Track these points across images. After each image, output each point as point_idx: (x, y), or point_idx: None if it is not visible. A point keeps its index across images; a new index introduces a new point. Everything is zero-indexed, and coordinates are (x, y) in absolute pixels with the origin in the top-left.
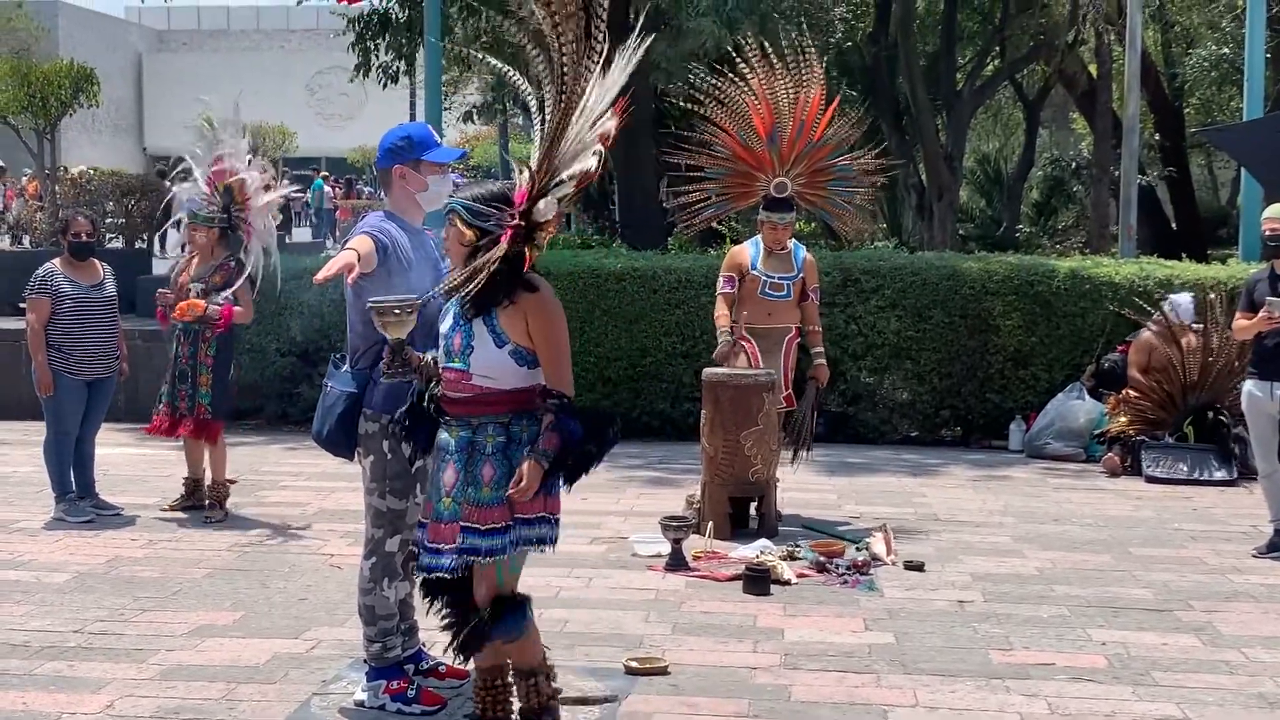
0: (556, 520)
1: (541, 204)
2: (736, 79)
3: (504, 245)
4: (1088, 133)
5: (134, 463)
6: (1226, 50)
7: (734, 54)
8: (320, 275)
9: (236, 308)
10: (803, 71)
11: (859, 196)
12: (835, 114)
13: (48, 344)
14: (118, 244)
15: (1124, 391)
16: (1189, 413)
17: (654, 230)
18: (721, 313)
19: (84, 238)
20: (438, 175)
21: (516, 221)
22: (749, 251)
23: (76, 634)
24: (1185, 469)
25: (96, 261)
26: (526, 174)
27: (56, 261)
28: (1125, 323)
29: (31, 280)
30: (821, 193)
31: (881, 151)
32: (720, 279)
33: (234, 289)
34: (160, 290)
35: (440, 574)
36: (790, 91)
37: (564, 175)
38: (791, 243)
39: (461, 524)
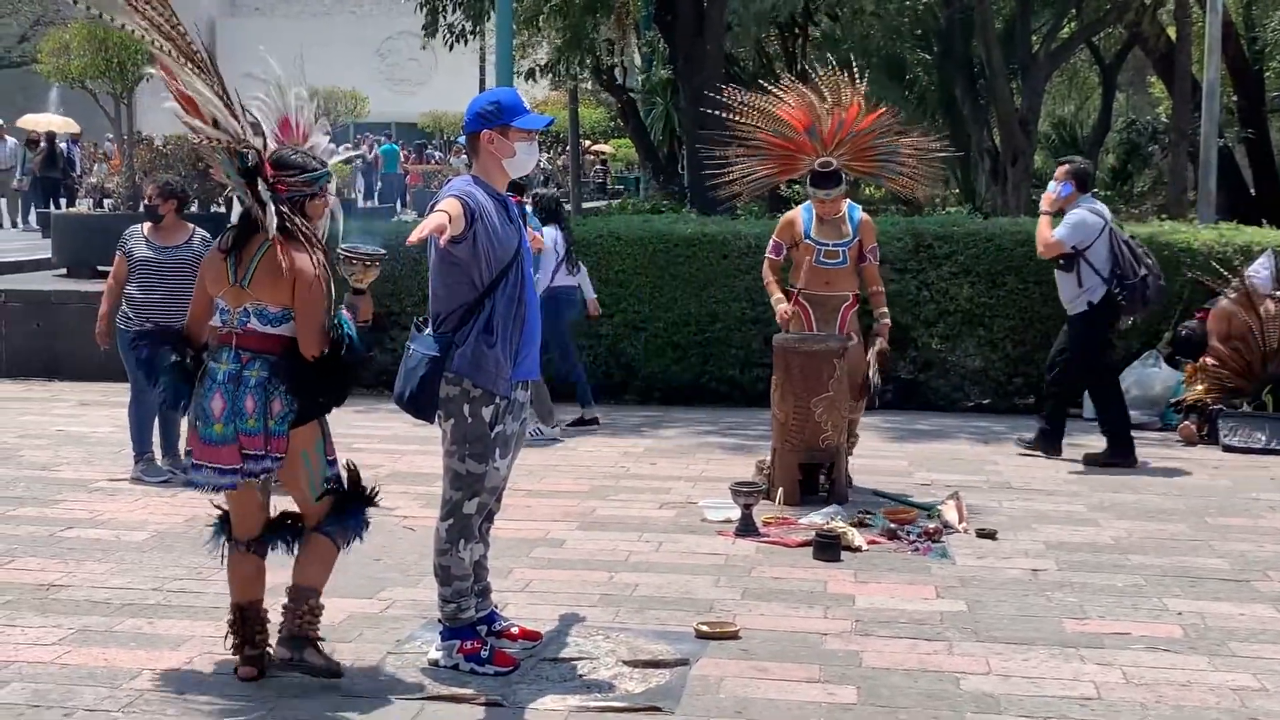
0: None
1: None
2: (772, 94)
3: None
4: (1165, 96)
5: None
6: None
7: (805, 10)
8: (413, 237)
9: None
10: (840, 90)
11: (910, 166)
12: (879, 116)
13: (124, 302)
14: (191, 209)
15: (1201, 359)
16: (1268, 381)
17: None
18: (770, 280)
19: (152, 202)
20: (526, 141)
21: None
22: (802, 217)
23: (156, 591)
24: (1263, 438)
25: (189, 225)
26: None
27: (146, 224)
28: (1203, 290)
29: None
30: (872, 165)
31: (947, 124)
32: (770, 242)
33: None
34: None
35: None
36: (828, 108)
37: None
38: (846, 203)
39: None
